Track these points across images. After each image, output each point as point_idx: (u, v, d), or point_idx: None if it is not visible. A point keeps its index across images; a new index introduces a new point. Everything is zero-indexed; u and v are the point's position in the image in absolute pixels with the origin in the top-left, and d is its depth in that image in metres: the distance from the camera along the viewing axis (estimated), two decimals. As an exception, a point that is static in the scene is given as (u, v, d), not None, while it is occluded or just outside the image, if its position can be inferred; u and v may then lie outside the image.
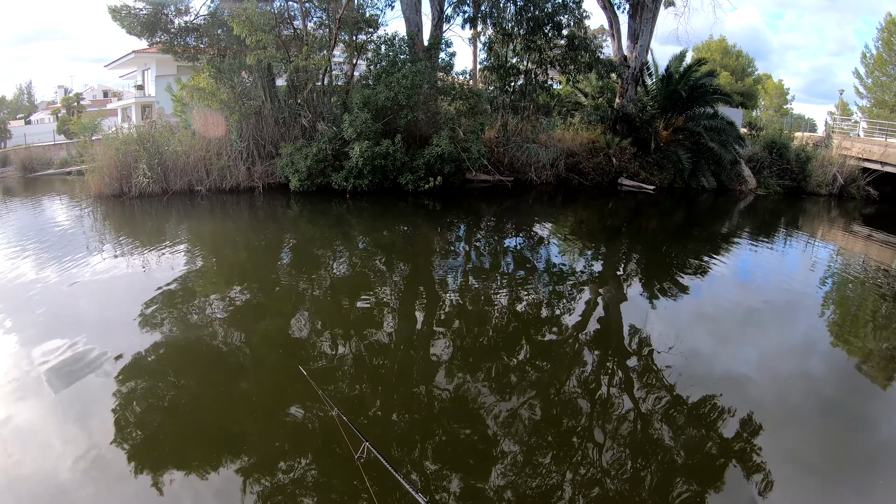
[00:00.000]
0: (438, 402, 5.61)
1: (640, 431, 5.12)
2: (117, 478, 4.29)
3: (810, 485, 4.59)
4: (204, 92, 17.98)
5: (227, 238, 13.01)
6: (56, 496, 4.08)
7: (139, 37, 19.67)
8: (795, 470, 4.72)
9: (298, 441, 4.71)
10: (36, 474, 4.29)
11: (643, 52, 23.46)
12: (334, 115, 18.66)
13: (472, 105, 20.02)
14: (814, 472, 4.72)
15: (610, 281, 10.18)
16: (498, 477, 4.35)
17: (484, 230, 14.50)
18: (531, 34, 21.42)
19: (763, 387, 6.07)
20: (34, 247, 11.33)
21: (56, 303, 8.02)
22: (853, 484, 4.57)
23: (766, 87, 50.79)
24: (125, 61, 35.24)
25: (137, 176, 17.20)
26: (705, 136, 21.63)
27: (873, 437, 5.26)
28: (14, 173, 29.64)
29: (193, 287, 8.98)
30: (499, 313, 8.17)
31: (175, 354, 6.45)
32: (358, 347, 6.76)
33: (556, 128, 23.00)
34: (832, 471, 4.73)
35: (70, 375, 5.77)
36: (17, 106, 62.03)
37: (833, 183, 23.27)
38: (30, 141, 34.98)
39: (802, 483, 4.60)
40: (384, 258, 11.33)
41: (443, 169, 18.06)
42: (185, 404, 5.40)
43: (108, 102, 45.69)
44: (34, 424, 4.95)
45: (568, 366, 6.45)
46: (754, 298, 9.38)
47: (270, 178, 18.77)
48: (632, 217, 17.64)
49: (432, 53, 19.77)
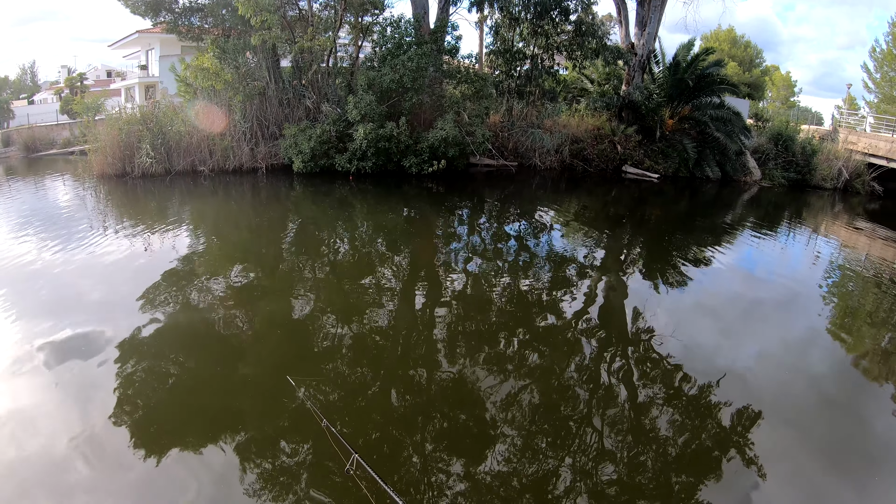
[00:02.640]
0: (437, 390, 5.63)
1: (637, 420, 5.13)
2: (114, 457, 4.31)
3: (808, 479, 4.59)
4: (208, 72, 17.88)
5: (229, 219, 12.99)
6: (55, 476, 4.09)
7: (143, 16, 19.56)
8: (793, 464, 4.73)
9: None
10: (36, 454, 4.30)
11: (651, 39, 23.25)
12: (339, 97, 18.57)
13: (478, 89, 19.88)
14: (811, 467, 4.72)
15: (612, 269, 10.15)
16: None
17: (487, 215, 14.46)
18: (538, 19, 21.20)
19: (763, 380, 6.08)
20: (37, 227, 11.32)
21: (57, 283, 8.02)
22: (851, 480, 4.58)
23: (773, 79, 50.39)
24: (129, 41, 34.99)
25: (140, 156, 17.15)
26: (711, 125, 21.50)
27: (872, 434, 5.25)
28: (17, 153, 29.60)
29: (195, 268, 8.99)
30: (499, 301, 8.15)
31: (174, 336, 6.47)
32: (353, 335, 6.75)
33: (562, 114, 22.87)
34: (830, 466, 4.73)
35: (70, 355, 5.79)
36: (20, 86, 61.82)
37: (838, 177, 23.14)
38: (33, 121, 34.87)
39: (800, 477, 4.60)
40: (386, 241, 11.33)
41: (447, 153, 17.99)
42: (181, 387, 5.40)
43: (111, 82, 45.50)
44: (35, 404, 4.97)
45: (567, 356, 6.44)
46: (756, 291, 9.37)
47: (274, 160, 18.72)
48: (635, 205, 17.58)
49: (438, 36, 19.59)
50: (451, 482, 4.21)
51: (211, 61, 17.92)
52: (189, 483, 4.07)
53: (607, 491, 4.20)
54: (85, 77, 45.88)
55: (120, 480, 4.09)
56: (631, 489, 4.23)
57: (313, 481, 4.09)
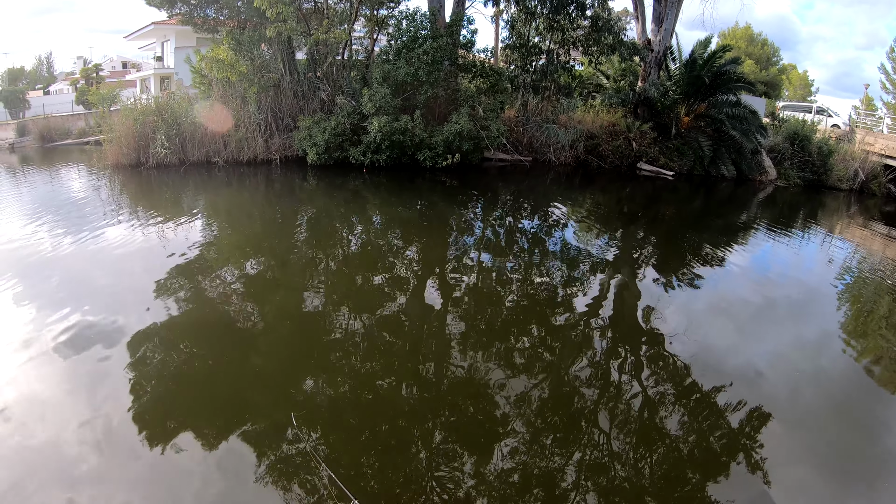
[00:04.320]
0: (447, 385, 5.62)
1: (648, 420, 5.07)
2: (124, 447, 4.30)
3: (818, 485, 4.52)
4: (223, 63, 17.90)
5: (243, 210, 13.01)
6: (64, 464, 4.10)
7: (159, 8, 19.59)
8: (803, 468, 4.67)
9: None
10: (46, 443, 4.30)
11: (667, 36, 23.02)
12: (353, 90, 18.55)
13: (493, 83, 19.79)
14: (821, 471, 4.66)
15: (625, 267, 10.06)
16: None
17: (500, 209, 14.40)
18: (554, 13, 21.03)
19: (774, 382, 5.99)
20: (51, 216, 11.38)
21: (70, 272, 8.05)
22: (861, 487, 4.50)
23: (790, 78, 49.85)
24: (144, 32, 35.20)
25: (155, 146, 17.22)
26: (727, 123, 21.25)
27: (883, 440, 5.17)
28: (33, 143, 29.87)
29: (208, 259, 9.01)
30: (510, 297, 8.07)
31: (186, 326, 6.48)
32: (364, 328, 6.72)
33: (577, 109, 22.71)
34: (840, 471, 4.66)
35: (82, 344, 5.79)
36: (37, 76, 62.25)
37: (854, 178, 22.81)
38: (48, 111, 35.17)
39: (810, 483, 4.53)
40: (399, 234, 11.31)
41: (461, 147, 17.92)
42: (192, 378, 5.39)
43: (127, 74, 45.73)
44: (46, 393, 4.98)
45: (578, 353, 6.37)
46: (769, 291, 9.24)
47: (288, 151, 18.75)
48: (649, 203, 17.45)
49: (454, 30, 19.50)
50: (465, 479, 4.21)
51: (226, 53, 17.93)
52: (197, 474, 4.08)
53: (615, 491, 4.16)
54: (101, 68, 46.15)
55: (129, 471, 4.10)
56: (639, 489, 4.18)
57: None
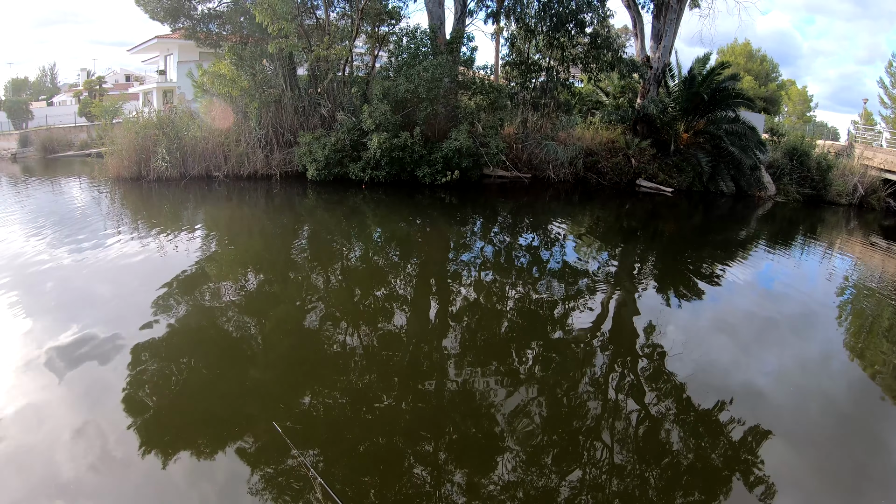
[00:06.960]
0: (446, 400, 5.59)
1: (648, 437, 5.05)
2: (120, 459, 4.30)
3: (821, 501, 4.49)
4: (225, 78, 18.03)
5: (242, 224, 13.05)
6: (62, 477, 4.08)
7: (162, 22, 19.76)
8: (807, 485, 4.64)
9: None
10: (44, 456, 4.29)
11: (666, 52, 23.20)
12: (354, 106, 18.66)
13: (493, 100, 19.92)
14: (825, 489, 4.62)
15: (624, 283, 10.06)
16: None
17: (499, 226, 14.43)
18: (554, 31, 21.23)
19: (776, 399, 5.97)
20: (52, 227, 11.44)
21: (70, 284, 8.08)
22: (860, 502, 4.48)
23: (789, 94, 50.10)
24: (148, 46, 35.47)
25: (156, 160, 17.33)
26: (726, 140, 21.36)
27: (888, 456, 5.14)
28: (35, 154, 30.04)
29: (207, 272, 9.03)
30: (509, 313, 8.09)
31: (184, 340, 6.48)
32: (363, 344, 6.74)
33: (576, 126, 22.80)
34: (844, 488, 4.62)
35: (80, 356, 5.80)
36: (40, 87, 62.62)
37: (853, 193, 22.87)
38: (51, 122, 35.42)
39: (813, 499, 4.50)
40: (397, 250, 11.32)
41: (460, 163, 18.00)
42: (189, 392, 5.39)
43: (130, 86, 46.03)
44: (44, 405, 4.97)
45: (577, 370, 6.36)
46: (769, 307, 9.23)
47: (288, 167, 18.83)
48: (649, 219, 17.47)
49: (454, 47, 19.66)
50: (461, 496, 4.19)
51: (228, 68, 18.07)
52: (194, 488, 4.08)
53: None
54: (104, 80, 46.46)
55: (123, 483, 4.09)
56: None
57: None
